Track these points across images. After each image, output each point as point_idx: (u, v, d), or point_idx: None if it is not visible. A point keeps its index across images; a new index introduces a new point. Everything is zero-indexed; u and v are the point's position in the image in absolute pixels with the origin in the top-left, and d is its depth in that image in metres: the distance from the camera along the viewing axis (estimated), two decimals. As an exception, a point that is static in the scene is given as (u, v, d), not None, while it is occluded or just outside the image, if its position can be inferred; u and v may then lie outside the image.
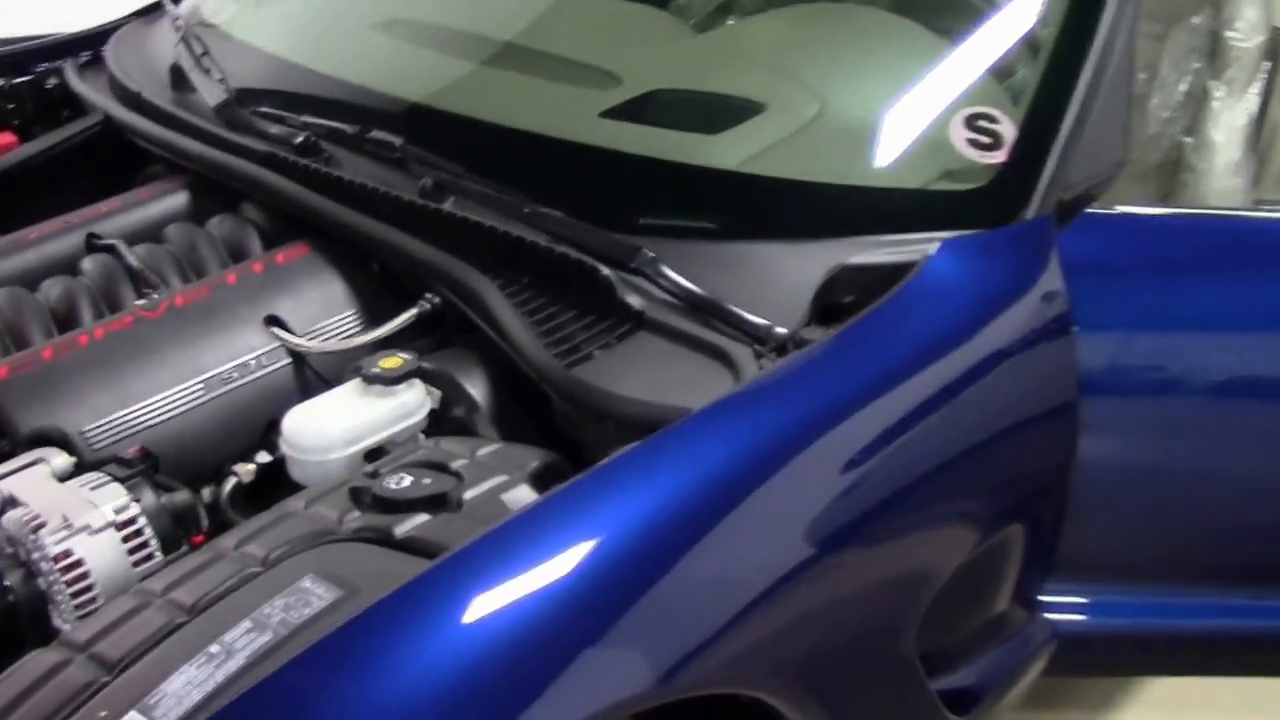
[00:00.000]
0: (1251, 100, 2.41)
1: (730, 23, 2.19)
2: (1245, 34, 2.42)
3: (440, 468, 1.34)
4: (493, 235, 1.61)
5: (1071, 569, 1.77)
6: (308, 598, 1.18)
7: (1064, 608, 1.80)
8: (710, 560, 1.25)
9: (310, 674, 1.10)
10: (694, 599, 1.23)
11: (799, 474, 1.33)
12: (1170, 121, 2.44)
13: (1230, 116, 2.40)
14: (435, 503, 1.28)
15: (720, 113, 1.78)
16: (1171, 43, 2.45)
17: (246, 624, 1.16)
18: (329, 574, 1.20)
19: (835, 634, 1.39)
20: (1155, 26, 2.49)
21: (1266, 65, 2.43)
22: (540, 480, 1.34)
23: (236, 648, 1.14)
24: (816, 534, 1.33)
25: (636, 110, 1.82)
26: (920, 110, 1.72)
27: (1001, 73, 1.80)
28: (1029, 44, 1.80)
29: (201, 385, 1.55)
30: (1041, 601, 1.79)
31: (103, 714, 1.12)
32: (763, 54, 1.99)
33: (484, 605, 1.13)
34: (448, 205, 1.66)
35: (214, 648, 1.14)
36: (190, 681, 1.12)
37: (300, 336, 1.63)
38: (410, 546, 1.24)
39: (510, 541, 1.19)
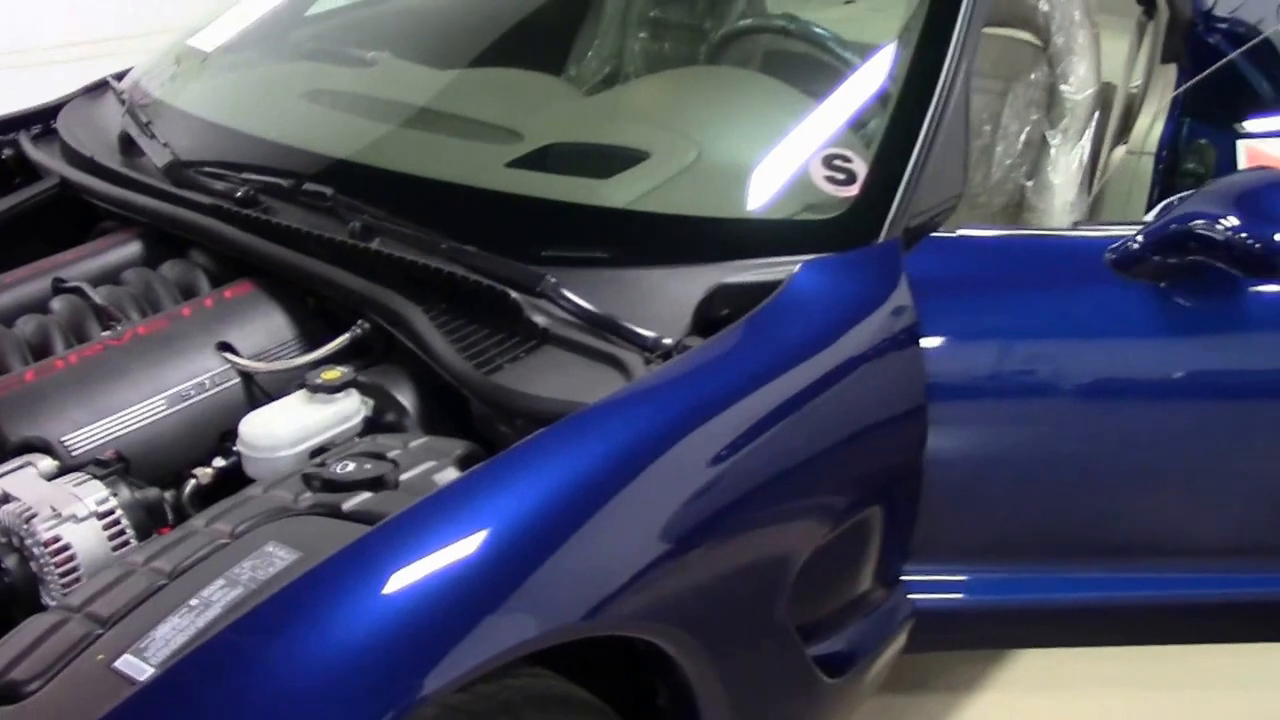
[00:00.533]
0: (1084, 146, 2.71)
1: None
2: (1077, 88, 2.72)
3: (378, 456, 1.56)
4: (416, 268, 1.84)
5: (927, 552, 2.01)
6: (271, 559, 1.39)
7: (921, 586, 2.04)
8: (602, 525, 1.47)
9: (272, 618, 1.31)
10: (589, 556, 1.45)
11: (679, 456, 1.57)
12: (1013, 167, 2.73)
13: (1066, 161, 2.69)
14: (375, 483, 1.51)
15: (610, 160, 2.04)
16: (1013, 96, 2.74)
17: (220, 581, 1.37)
18: (288, 540, 1.41)
19: (714, 593, 1.61)
20: (998, 83, 2.78)
21: (1096, 115, 2.73)
22: (464, 464, 1.56)
23: (213, 600, 1.35)
24: (693, 508, 1.56)
25: (537, 160, 2.07)
26: (784, 153, 1.99)
27: (857, 121, 2.07)
28: (879, 97, 2.07)
29: (164, 401, 1.76)
30: (902, 581, 2.03)
31: (100, 657, 1.32)
32: (647, 110, 2.25)
33: (412, 559, 1.34)
34: (375, 244, 1.89)
35: (193, 601, 1.35)
36: (175, 628, 1.32)
37: (247, 359, 1.84)
38: (355, 518, 1.46)
39: (436, 509, 1.41)
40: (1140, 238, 1.89)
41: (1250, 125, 2.72)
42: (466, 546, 1.36)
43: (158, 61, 2.56)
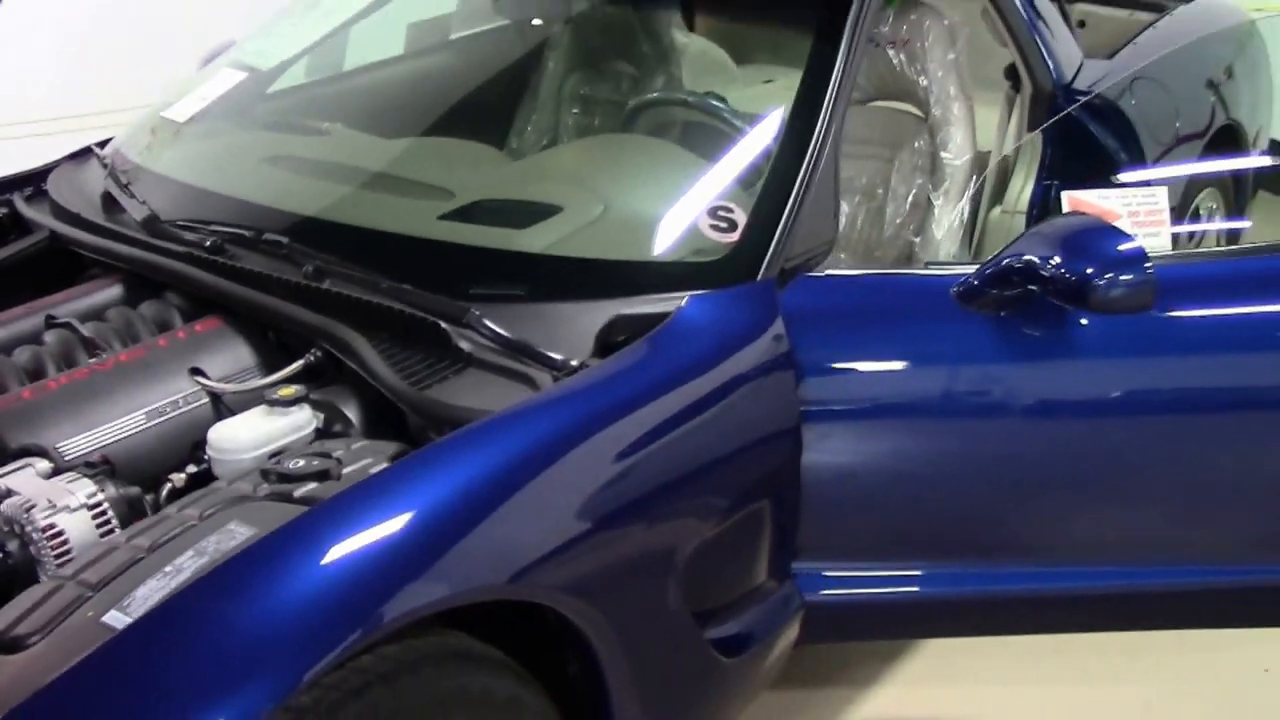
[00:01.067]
0: (964, 206, 3.03)
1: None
2: (955, 154, 3.05)
3: (325, 455, 1.85)
4: (361, 304, 2.14)
5: (812, 550, 2.30)
6: (233, 534, 1.67)
7: (809, 581, 2.32)
8: (507, 508, 1.74)
9: (227, 579, 1.58)
10: (496, 533, 1.72)
11: (576, 453, 1.86)
12: (903, 225, 3.05)
13: (948, 220, 3.01)
14: (322, 475, 1.79)
15: (527, 214, 2.36)
16: (899, 163, 3.07)
17: (191, 552, 1.65)
18: (247, 520, 1.70)
19: (611, 571, 1.89)
20: (886, 150, 3.11)
21: (974, 178, 3.05)
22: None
23: (184, 567, 1.62)
24: (590, 497, 1.84)
25: (466, 214, 2.39)
26: (677, 206, 2.31)
27: (741, 179, 2.39)
28: (761, 158, 2.39)
29: (143, 415, 2.04)
30: (792, 575, 2.31)
31: (90, 614, 1.60)
32: (563, 172, 2.58)
33: (343, 532, 1.61)
34: (326, 284, 2.19)
35: (168, 568, 1.63)
36: (152, 589, 1.60)
37: (215, 382, 2.13)
38: (304, 502, 1.74)
39: (366, 492, 1.69)
40: (979, 274, 2.20)
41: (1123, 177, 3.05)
42: (389, 522, 1.64)
43: (135, 131, 2.86)
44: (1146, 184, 2.76)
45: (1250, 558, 2.35)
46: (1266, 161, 3.65)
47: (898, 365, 2.26)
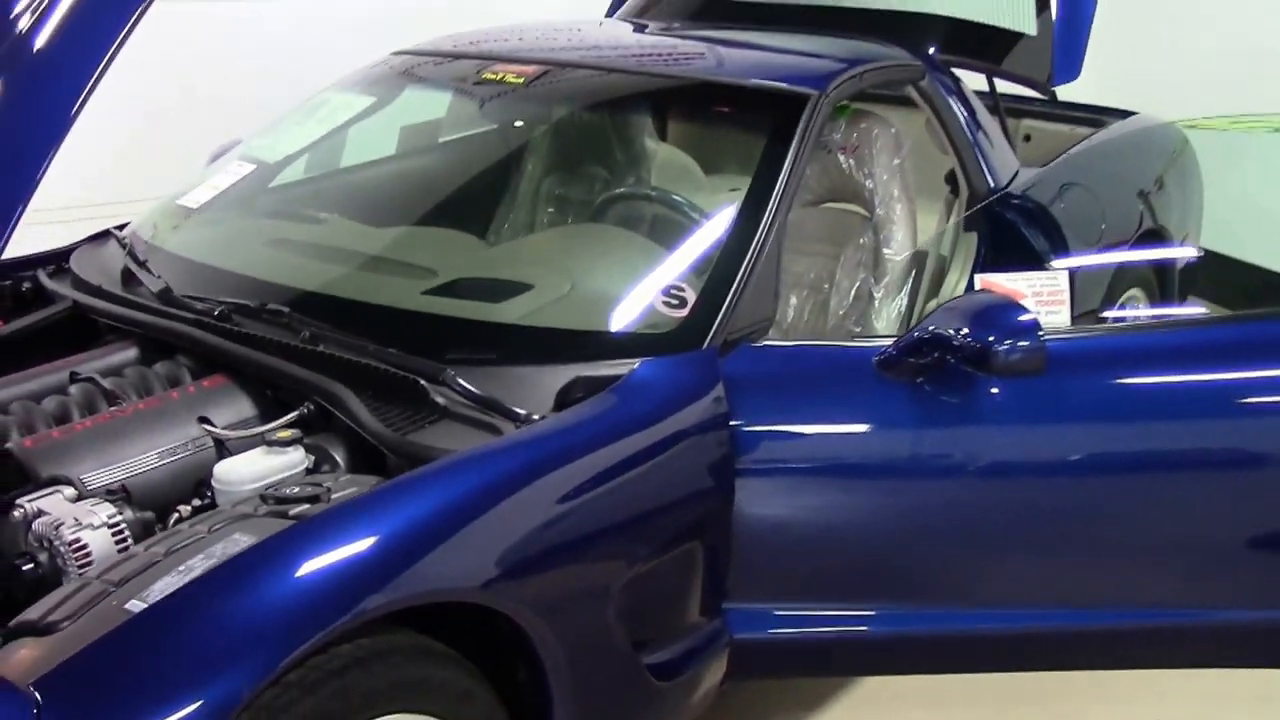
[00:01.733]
0: (903, 299, 3.40)
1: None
2: (896, 251, 3.42)
3: (316, 484, 2.20)
4: (350, 364, 2.49)
5: (741, 591, 2.62)
6: (237, 543, 2.01)
7: (736, 620, 2.63)
8: (462, 528, 2.08)
9: (225, 577, 1.91)
10: (450, 546, 2.06)
11: (531, 487, 2.20)
12: (846, 316, 3.41)
13: (888, 311, 3.37)
14: (313, 499, 2.14)
15: (500, 290, 2.73)
16: (844, 258, 3.43)
17: (201, 556, 1.98)
18: (248, 532, 2.03)
19: (553, 588, 2.22)
20: (833, 247, 3.48)
21: (913, 274, 3.42)
22: (378, 492, 2.20)
23: (195, 567, 1.96)
24: (535, 522, 2.18)
25: (446, 290, 2.77)
26: (634, 285, 2.68)
27: (692, 263, 2.77)
28: (711, 247, 2.77)
29: (156, 455, 2.38)
30: (723, 612, 2.64)
31: (114, 603, 1.93)
32: (535, 256, 2.95)
33: (326, 541, 1.96)
34: (320, 347, 2.55)
35: (181, 568, 1.96)
36: (167, 584, 1.93)
37: (220, 429, 2.48)
38: (296, 520, 2.08)
39: (342, 511, 2.04)
40: (897, 345, 2.56)
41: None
42: (364, 535, 1.98)
43: (150, 216, 3.24)
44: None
45: (1134, 603, 2.68)
46: (1170, 254, 4.03)
47: (823, 427, 2.60)
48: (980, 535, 2.63)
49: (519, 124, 3.60)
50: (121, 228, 3.22)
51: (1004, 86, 3.90)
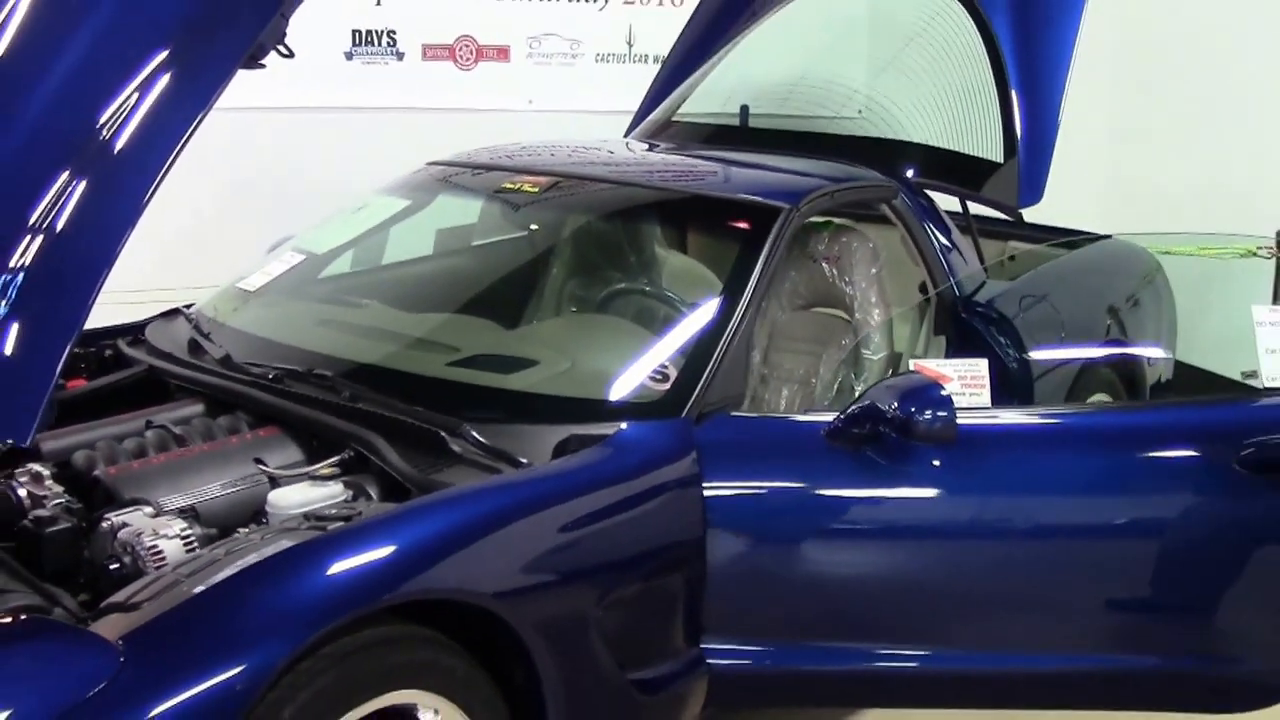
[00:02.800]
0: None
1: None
2: (874, 351, 4.02)
3: (350, 507, 2.81)
4: (383, 418, 3.11)
5: (715, 628, 3.16)
6: (282, 545, 2.61)
7: (712, 653, 3.18)
8: (467, 545, 2.66)
9: (271, 568, 2.51)
10: (457, 555, 2.65)
11: (528, 516, 2.79)
12: (829, 408, 4.00)
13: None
14: (348, 519, 2.74)
15: (511, 364, 3.36)
16: (827, 356, 4.03)
17: (255, 555, 2.57)
18: (293, 538, 2.64)
19: (544, 600, 2.78)
20: (817, 347, 4.09)
21: (889, 371, 4.02)
22: (402, 516, 2.81)
23: (250, 563, 2.56)
24: (525, 543, 2.75)
25: (466, 363, 3.40)
26: (624, 363, 3.31)
27: (676, 347, 3.38)
28: (693, 334, 3.39)
29: (219, 486, 2.99)
30: (701, 646, 3.18)
31: (183, 588, 2.53)
32: (543, 339, 3.59)
33: (352, 545, 2.54)
34: (359, 404, 3.17)
35: (239, 563, 2.56)
36: (226, 575, 2.53)
37: (272, 469, 3.09)
38: (333, 534, 2.69)
39: (371, 524, 2.65)
40: (840, 418, 3.15)
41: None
42: (382, 539, 2.57)
43: (213, 298, 3.90)
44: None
45: (1045, 650, 3.24)
46: (1129, 351, 4.61)
47: (781, 485, 3.19)
48: (908, 585, 3.19)
49: (539, 229, 4.25)
50: (188, 307, 3.87)
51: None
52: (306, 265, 4.05)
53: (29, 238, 2.56)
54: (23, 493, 2.91)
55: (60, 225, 2.58)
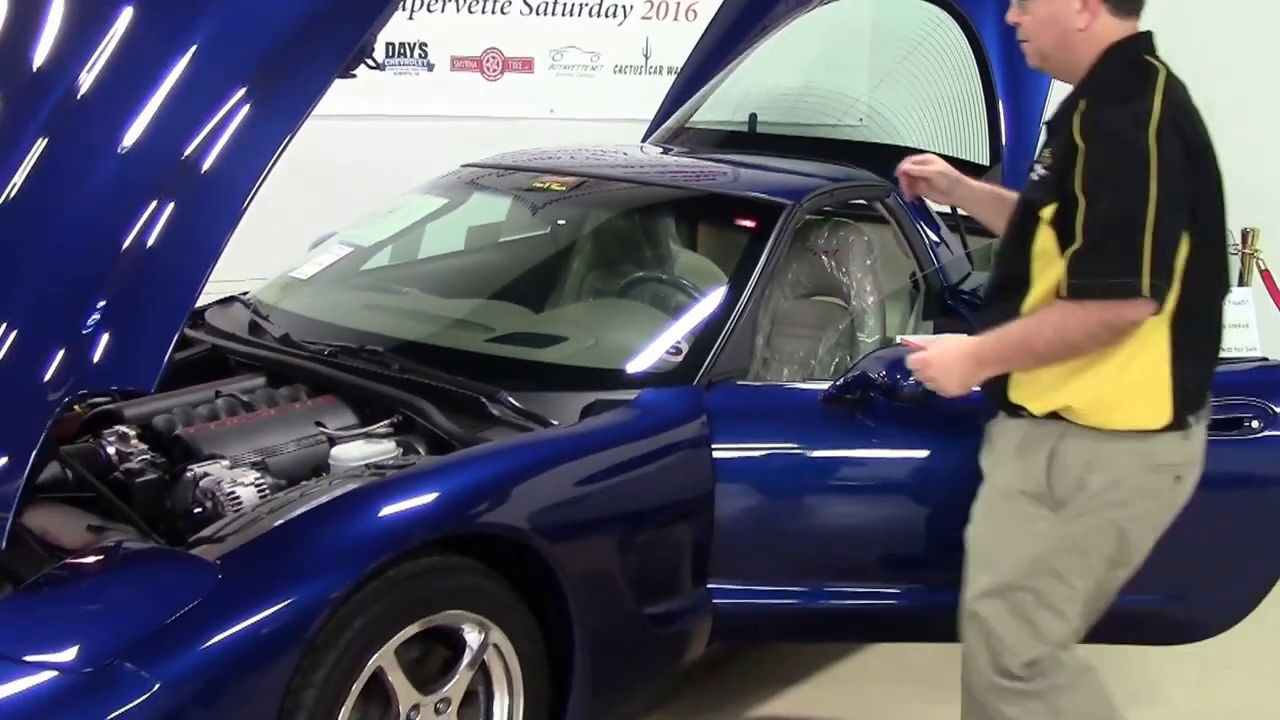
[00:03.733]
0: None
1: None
2: (869, 335, 4.44)
3: (406, 460, 3.25)
4: (430, 387, 3.54)
5: (721, 571, 3.57)
6: (347, 487, 3.05)
7: (718, 594, 3.59)
8: (502, 485, 3.11)
9: (341, 505, 2.93)
10: (496, 497, 3.09)
11: (558, 466, 3.22)
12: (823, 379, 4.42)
13: (860, 383, 4.37)
14: (403, 467, 3.18)
15: (543, 341, 3.81)
16: (825, 340, 4.45)
17: (325, 495, 3.00)
18: (356, 482, 3.07)
19: (576, 536, 3.21)
20: (817, 332, 4.51)
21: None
22: (449, 467, 3.24)
23: (321, 503, 3.00)
24: (557, 490, 3.18)
25: (502, 340, 3.84)
26: (643, 340, 3.75)
27: (689, 327, 3.82)
28: (704, 315, 3.83)
29: (286, 445, 3.44)
30: (708, 587, 3.61)
31: (264, 522, 2.95)
32: (569, 319, 4.03)
33: (398, 488, 2.99)
34: (409, 375, 3.61)
35: (313, 503, 2.98)
36: (303, 511, 2.96)
37: (331, 430, 3.53)
38: (391, 480, 3.13)
39: (425, 469, 3.09)
40: (835, 386, 3.58)
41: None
42: (433, 482, 3.01)
43: (269, 286, 4.34)
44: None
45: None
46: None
47: (782, 445, 3.61)
48: (890, 532, 3.62)
49: (566, 223, 4.69)
50: (244, 294, 4.32)
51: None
52: (352, 257, 4.49)
53: (151, 222, 2.96)
54: (111, 450, 3.35)
55: (159, 238, 2.95)
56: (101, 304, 2.91)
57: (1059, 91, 4.74)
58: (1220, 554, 3.62)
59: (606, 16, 6.79)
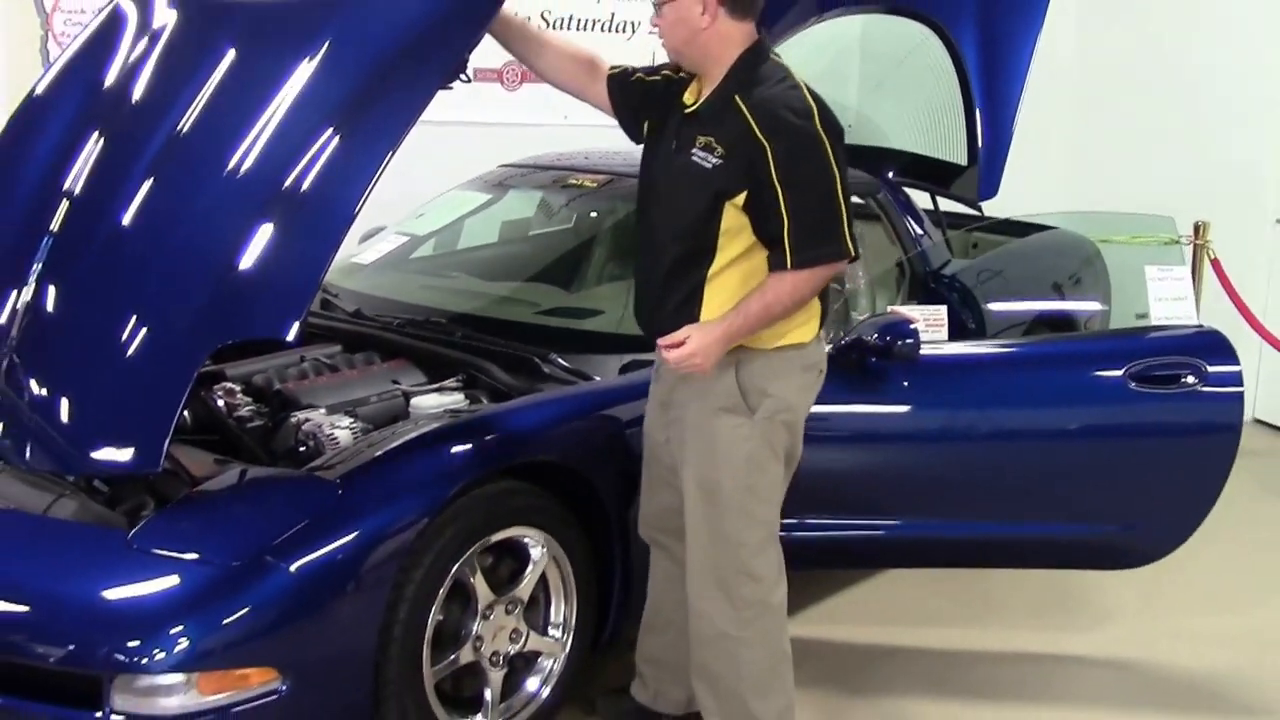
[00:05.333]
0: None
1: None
2: (861, 313, 5.11)
3: (477, 407, 3.93)
4: (490, 350, 4.22)
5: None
6: (433, 426, 3.72)
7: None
8: (556, 428, 3.80)
9: (432, 438, 3.59)
10: (553, 435, 3.78)
11: (602, 410, 3.92)
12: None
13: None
14: (473, 411, 3.86)
15: (584, 314, 4.49)
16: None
17: (415, 432, 3.65)
18: (436, 422, 3.74)
19: (621, 468, 3.91)
20: (815, 310, 5.20)
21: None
22: (512, 413, 3.92)
23: (413, 437, 3.67)
24: (601, 429, 3.88)
25: (549, 313, 4.53)
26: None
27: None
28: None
29: (376, 398, 4.10)
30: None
31: (367, 453, 3.61)
32: (602, 296, 4.72)
33: (469, 428, 3.64)
34: (472, 341, 4.29)
35: (406, 437, 3.63)
36: (400, 443, 3.61)
37: (406, 387, 4.20)
38: (466, 421, 3.81)
39: (487, 413, 3.77)
40: (836, 349, 4.25)
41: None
42: (495, 424, 3.68)
43: (335, 269, 5.01)
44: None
45: (987, 520, 4.33)
46: (1066, 306, 5.75)
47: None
48: (885, 474, 4.29)
49: (594, 215, 5.36)
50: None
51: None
52: (406, 245, 5.18)
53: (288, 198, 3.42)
54: (220, 403, 4.02)
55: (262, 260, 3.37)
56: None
57: (1029, 99, 5.50)
58: (1164, 490, 4.29)
59: (617, 31, 7.43)
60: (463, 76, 3.55)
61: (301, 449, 3.81)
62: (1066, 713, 4.31)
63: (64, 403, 3.45)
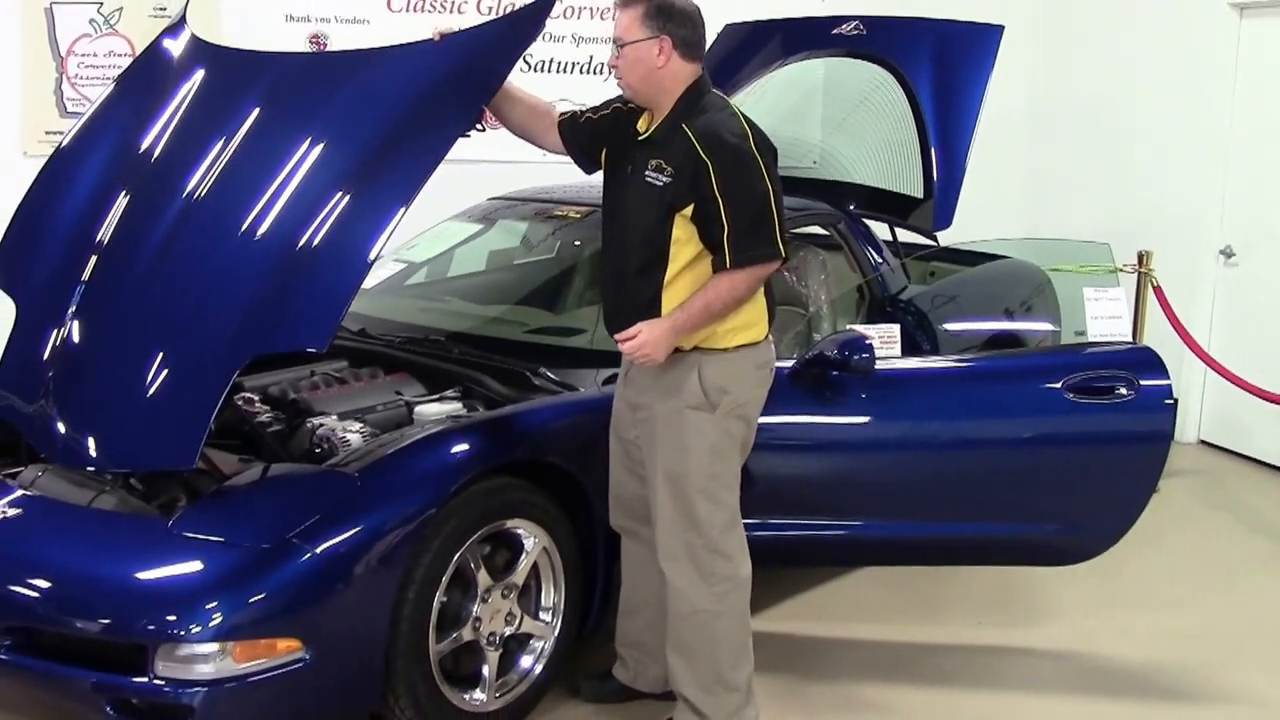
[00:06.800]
0: (826, 365, 5.57)
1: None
2: (823, 336, 5.62)
3: (474, 414, 4.39)
4: (484, 364, 4.67)
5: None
6: (437, 430, 4.18)
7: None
8: (541, 430, 4.25)
9: (436, 440, 4.04)
10: (538, 435, 4.24)
11: (582, 413, 4.38)
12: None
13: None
14: (471, 417, 4.32)
15: (568, 333, 4.96)
16: (785, 341, 5.62)
17: (422, 434, 4.13)
18: (437, 427, 4.21)
19: (597, 466, 4.32)
20: (778, 334, 5.67)
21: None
22: (506, 419, 4.39)
23: (420, 438, 4.13)
24: (587, 435, 4.31)
25: (537, 332, 4.99)
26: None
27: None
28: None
29: (382, 406, 4.55)
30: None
31: (378, 453, 4.08)
32: (585, 317, 5.18)
33: (461, 433, 4.08)
34: (466, 356, 4.75)
35: (414, 438, 4.09)
36: (409, 443, 4.07)
37: (408, 397, 4.66)
38: (464, 427, 4.27)
39: (481, 420, 4.22)
40: (798, 363, 4.72)
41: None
42: (492, 428, 4.14)
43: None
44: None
45: (937, 521, 4.77)
46: (1016, 326, 6.24)
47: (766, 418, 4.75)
48: (844, 479, 4.72)
49: (577, 244, 5.83)
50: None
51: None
52: (403, 272, 5.66)
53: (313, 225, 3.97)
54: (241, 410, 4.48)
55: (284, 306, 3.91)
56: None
57: (984, 137, 6.00)
58: (1101, 493, 4.73)
59: (595, 74, 7.91)
60: (478, 126, 4.02)
61: (317, 450, 4.25)
62: (1012, 699, 4.73)
63: (111, 412, 3.94)
